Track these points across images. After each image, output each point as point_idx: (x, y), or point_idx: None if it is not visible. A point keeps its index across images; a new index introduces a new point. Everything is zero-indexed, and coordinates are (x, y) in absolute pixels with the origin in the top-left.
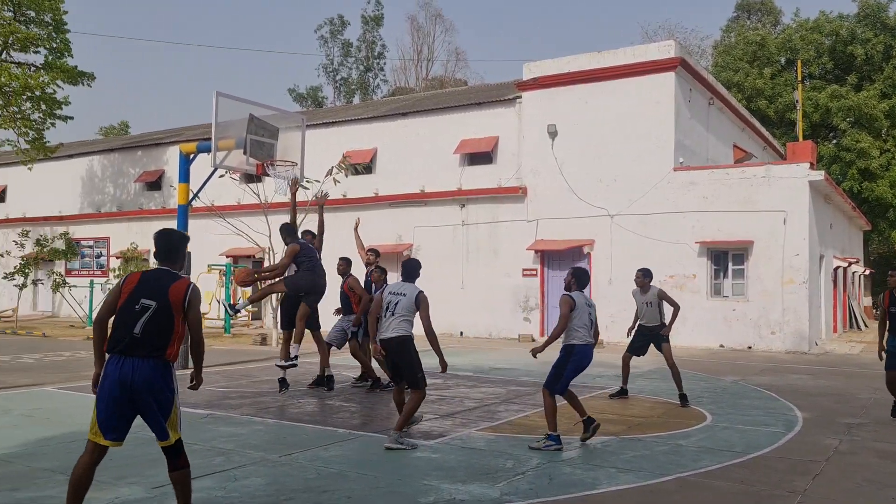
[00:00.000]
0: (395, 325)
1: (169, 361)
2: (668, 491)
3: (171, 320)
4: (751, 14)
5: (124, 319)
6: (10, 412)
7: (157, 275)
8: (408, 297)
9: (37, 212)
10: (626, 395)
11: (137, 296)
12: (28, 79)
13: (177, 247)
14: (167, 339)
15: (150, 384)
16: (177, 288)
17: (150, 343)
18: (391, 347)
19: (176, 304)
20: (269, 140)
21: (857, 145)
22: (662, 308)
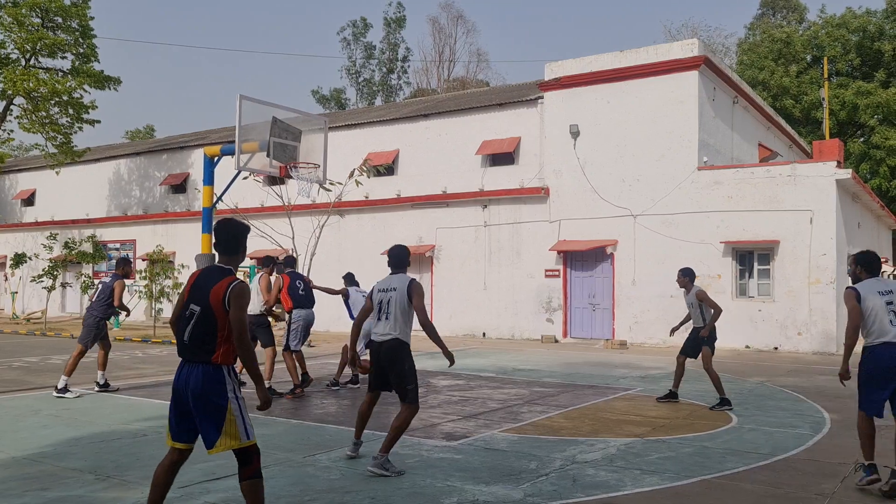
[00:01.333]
0: (388, 326)
1: (219, 365)
2: (693, 493)
3: (213, 323)
4: (775, 11)
5: (179, 325)
6: (40, 412)
7: (207, 274)
8: (399, 291)
9: (65, 215)
10: (675, 398)
11: (189, 300)
12: (56, 84)
13: (238, 238)
14: (213, 342)
15: (198, 390)
16: (217, 288)
17: (197, 348)
18: (382, 351)
19: (217, 306)
20: (292, 142)
21: (886, 143)
22: (703, 309)
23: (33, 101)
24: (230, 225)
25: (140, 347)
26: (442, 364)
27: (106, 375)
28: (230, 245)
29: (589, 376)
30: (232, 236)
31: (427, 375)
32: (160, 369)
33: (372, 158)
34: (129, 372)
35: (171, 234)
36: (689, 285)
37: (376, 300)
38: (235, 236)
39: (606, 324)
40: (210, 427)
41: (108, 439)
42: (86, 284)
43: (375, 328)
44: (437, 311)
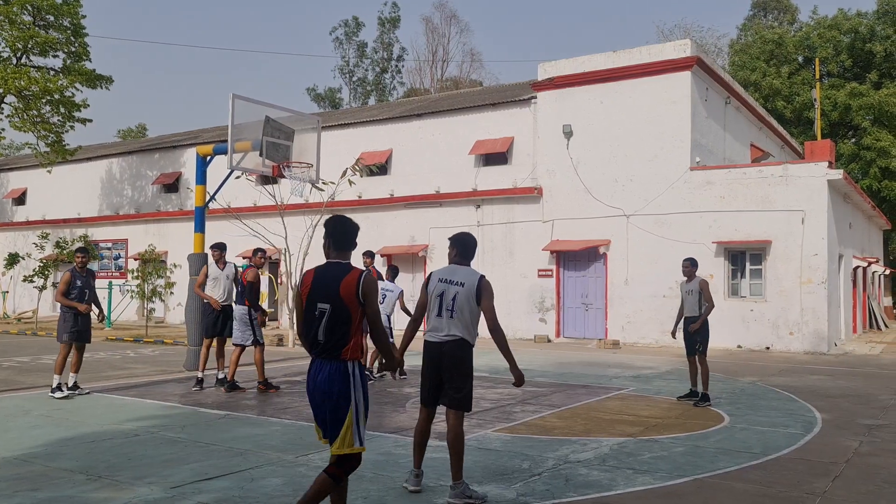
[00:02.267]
0: (453, 324)
1: (347, 361)
2: (685, 492)
3: (348, 320)
4: (767, 12)
5: (308, 325)
6: (30, 412)
7: (327, 271)
8: (467, 287)
9: (56, 214)
10: (696, 396)
11: (314, 298)
12: (47, 82)
13: (352, 234)
14: (346, 338)
15: (325, 388)
16: (347, 283)
17: (332, 345)
18: (444, 352)
19: (350, 301)
20: (285, 142)
21: (877, 144)
22: (701, 298)
23: (25, 99)
24: (345, 221)
25: (132, 347)
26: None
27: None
28: (345, 240)
29: (582, 376)
30: (348, 232)
31: (419, 375)
32: (152, 369)
33: (365, 158)
34: (121, 372)
35: (164, 234)
36: (694, 274)
37: (437, 291)
38: (349, 232)
39: (599, 324)
40: (334, 425)
41: (100, 439)
42: None
43: (432, 325)
44: None
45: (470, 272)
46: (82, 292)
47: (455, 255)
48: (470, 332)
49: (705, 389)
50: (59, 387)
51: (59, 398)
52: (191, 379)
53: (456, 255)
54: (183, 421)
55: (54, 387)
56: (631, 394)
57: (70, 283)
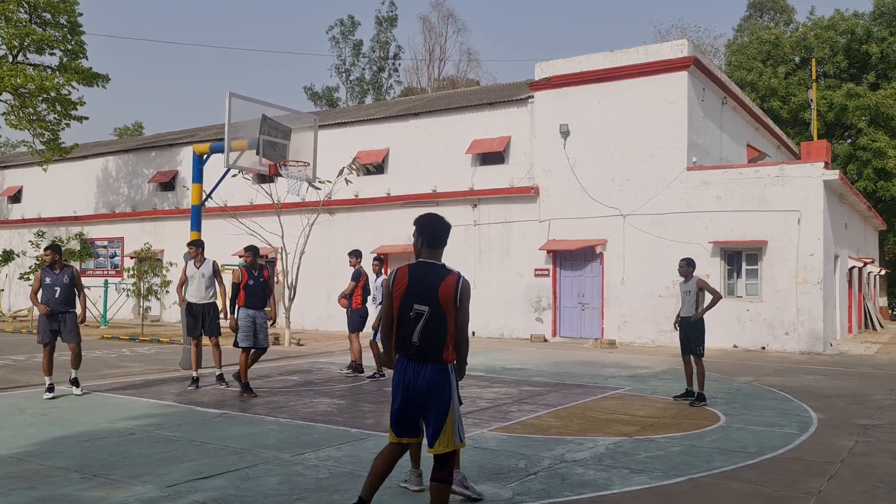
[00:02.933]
0: None
1: (447, 363)
2: (681, 492)
3: (445, 322)
4: (763, 13)
5: (402, 326)
6: (25, 411)
7: (424, 272)
8: None
9: (52, 212)
10: (692, 395)
11: (410, 300)
12: (43, 80)
13: (445, 233)
14: (443, 341)
15: (427, 389)
16: (447, 285)
17: (428, 348)
18: None
19: (448, 305)
20: (282, 140)
21: (873, 144)
22: (700, 299)
23: (20, 97)
24: (438, 219)
25: (128, 346)
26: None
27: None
28: (438, 239)
29: (578, 375)
30: (441, 230)
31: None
32: (148, 367)
33: (362, 157)
34: (117, 370)
35: (160, 232)
36: (691, 274)
37: None
38: (442, 231)
39: (595, 323)
40: (436, 425)
41: (95, 438)
42: None
43: None
44: None
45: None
46: (51, 290)
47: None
48: None
49: (701, 389)
50: (50, 387)
51: (47, 398)
52: (186, 378)
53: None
54: (178, 419)
55: (46, 387)
56: (627, 393)
57: (41, 280)
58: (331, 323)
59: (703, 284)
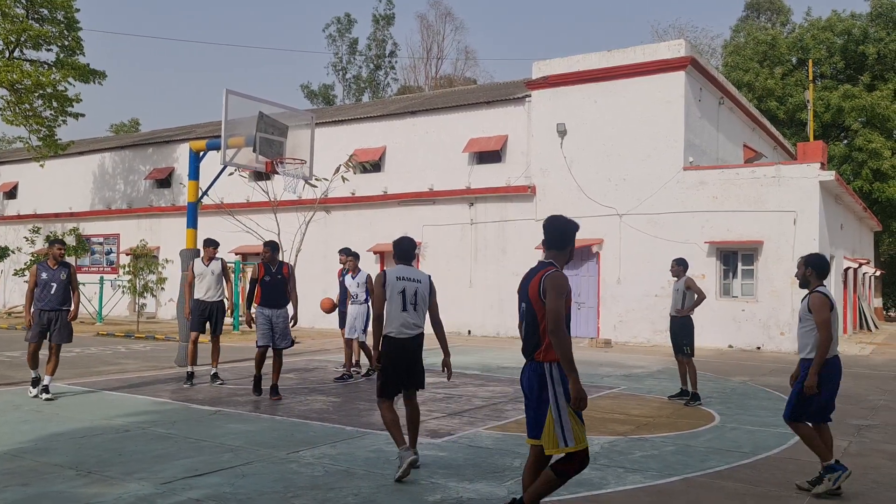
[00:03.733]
0: (419, 318)
1: (541, 363)
2: (675, 491)
3: (535, 319)
4: (760, 13)
5: (520, 325)
6: (21, 407)
7: (530, 271)
8: (424, 284)
9: (48, 208)
10: (687, 395)
11: (520, 298)
12: (40, 76)
13: (560, 232)
14: (537, 339)
15: (526, 389)
16: (535, 282)
17: (526, 346)
18: (418, 345)
19: (535, 300)
20: (279, 138)
21: (869, 145)
22: (687, 298)
23: (17, 93)
24: (557, 219)
25: (123, 342)
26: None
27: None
28: (552, 239)
29: None
30: (556, 230)
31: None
32: (143, 365)
33: (359, 155)
34: (112, 367)
35: (156, 229)
36: (683, 274)
37: (398, 288)
38: (556, 230)
39: (591, 322)
40: (536, 425)
41: (90, 435)
42: None
43: (402, 321)
44: None
45: (421, 272)
46: (47, 287)
47: (396, 256)
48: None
49: (694, 388)
50: (35, 381)
51: (31, 396)
52: (182, 375)
53: (396, 257)
54: (174, 417)
55: (32, 378)
56: (622, 393)
57: (37, 276)
58: (326, 321)
59: (690, 283)
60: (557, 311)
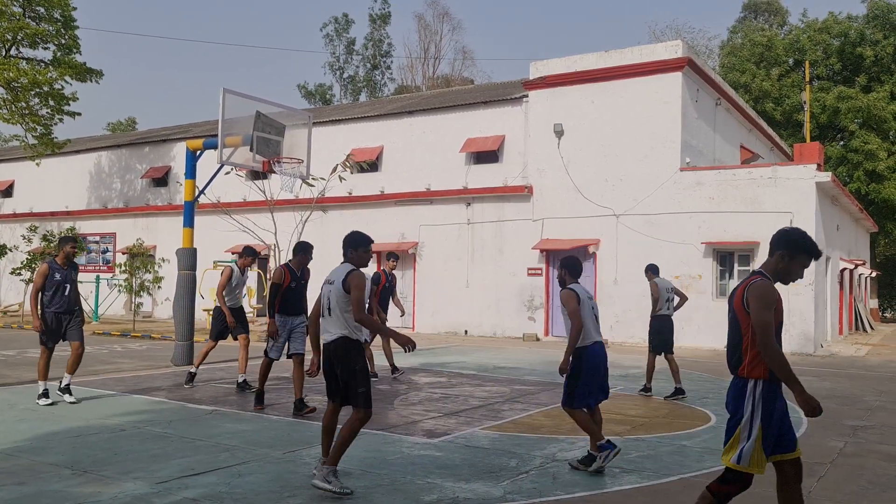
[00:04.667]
0: (332, 323)
1: (745, 380)
2: (671, 491)
3: (739, 331)
4: (757, 14)
5: None
6: (16, 406)
7: (743, 280)
8: (336, 284)
9: (44, 207)
10: (682, 393)
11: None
12: (37, 75)
13: (782, 242)
14: (739, 353)
15: (726, 402)
16: (738, 293)
17: (730, 358)
18: (332, 352)
19: (739, 311)
20: (276, 137)
21: (865, 147)
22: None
23: (13, 91)
24: (793, 231)
25: (119, 341)
26: (425, 361)
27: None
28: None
29: None
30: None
31: (408, 372)
32: (139, 364)
33: (356, 154)
34: (108, 366)
35: (152, 228)
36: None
37: (323, 294)
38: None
39: None
40: (727, 436)
41: (86, 434)
42: None
43: (323, 327)
44: (420, 307)
45: (343, 268)
46: (61, 288)
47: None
48: (350, 329)
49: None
50: (44, 393)
51: (43, 405)
52: (179, 374)
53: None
54: (170, 416)
55: (40, 392)
56: (618, 393)
57: (47, 277)
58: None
59: (652, 288)
60: (763, 323)
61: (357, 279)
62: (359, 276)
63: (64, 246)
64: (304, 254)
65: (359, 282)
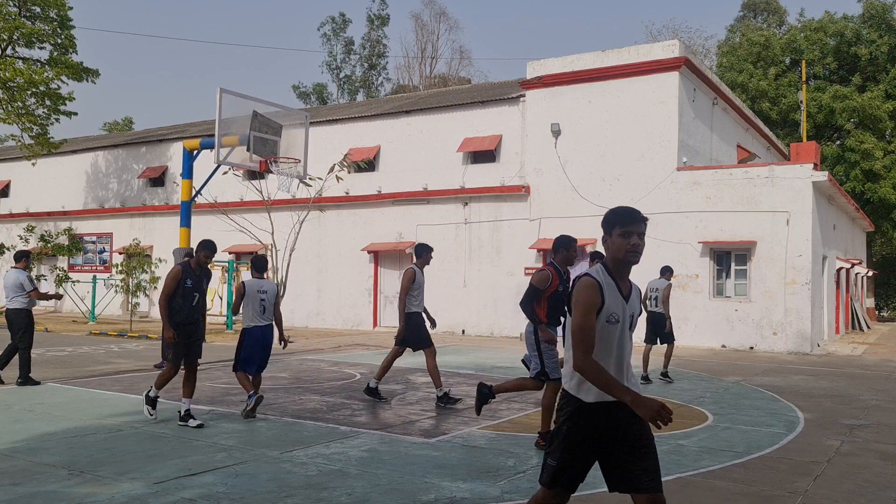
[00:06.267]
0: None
1: None
2: (668, 491)
3: None
4: (756, 14)
5: None
6: (12, 407)
7: None
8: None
9: (40, 207)
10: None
11: None
12: (33, 74)
13: None
14: None
15: None
16: None
17: None
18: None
19: None
20: (273, 137)
21: (861, 146)
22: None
23: (10, 91)
24: None
25: (116, 342)
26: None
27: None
28: None
29: None
30: None
31: (406, 373)
32: (136, 364)
33: (353, 154)
34: (105, 366)
35: (149, 228)
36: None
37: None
38: None
39: None
40: None
41: (83, 434)
42: (60, 278)
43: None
44: None
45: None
46: (190, 296)
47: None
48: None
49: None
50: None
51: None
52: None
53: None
54: (167, 416)
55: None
56: None
57: (179, 281)
58: (320, 320)
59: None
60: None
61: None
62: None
63: (199, 252)
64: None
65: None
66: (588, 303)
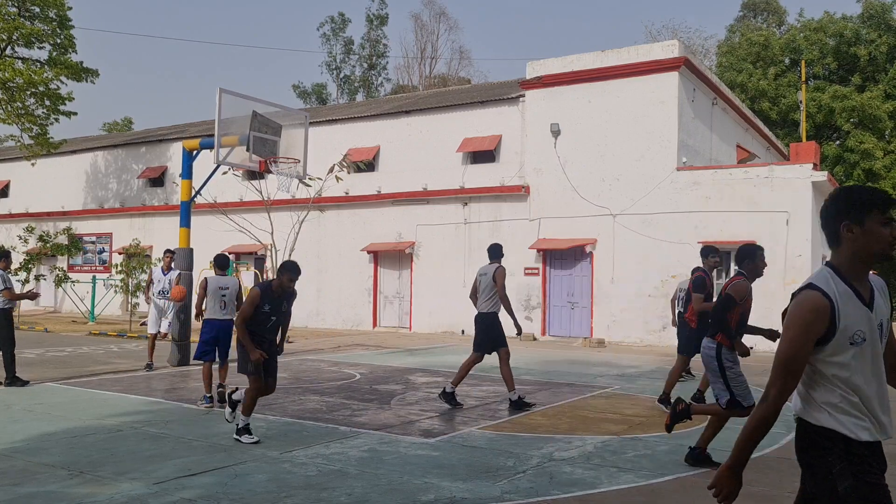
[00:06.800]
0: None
1: None
2: (668, 491)
3: None
4: (756, 14)
5: None
6: (12, 407)
7: None
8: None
9: (40, 207)
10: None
11: None
12: (32, 74)
13: None
14: None
15: None
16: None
17: None
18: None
19: None
20: (272, 137)
21: (860, 146)
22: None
23: (9, 91)
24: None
25: (115, 342)
26: (421, 361)
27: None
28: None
29: (566, 374)
30: None
31: (406, 373)
32: (136, 364)
33: (352, 154)
34: (104, 366)
35: (149, 228)
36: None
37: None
38: None
39: (585, 322)
40: None
41: (82, 434)
42: (60, 278)
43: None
44: (416, 307)
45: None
46: (267, 320)
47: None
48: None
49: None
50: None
51: (247, 442)
52: (174, 374)
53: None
54: (166, 416)
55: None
56: (615, 392)
57: (257, 307)
58: (320, 320)
59: None
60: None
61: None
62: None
63: (283, 275)
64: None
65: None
66: (809, 329)
